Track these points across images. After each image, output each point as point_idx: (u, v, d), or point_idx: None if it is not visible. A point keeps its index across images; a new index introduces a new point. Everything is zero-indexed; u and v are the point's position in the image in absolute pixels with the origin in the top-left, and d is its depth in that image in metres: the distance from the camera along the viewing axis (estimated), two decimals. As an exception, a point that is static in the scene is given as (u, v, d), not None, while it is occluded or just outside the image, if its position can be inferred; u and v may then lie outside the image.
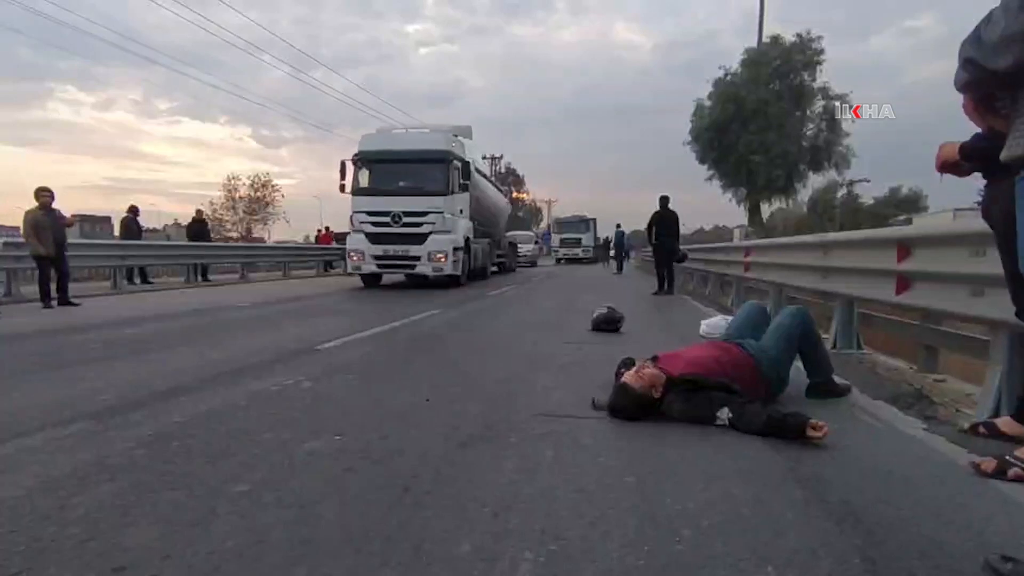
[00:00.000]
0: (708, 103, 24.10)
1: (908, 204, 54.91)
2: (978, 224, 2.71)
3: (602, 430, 2.55)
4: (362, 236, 11.67)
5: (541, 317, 6.93)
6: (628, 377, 2.77)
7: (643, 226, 12.15)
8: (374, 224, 11.59)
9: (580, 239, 34.43)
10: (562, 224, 37.21)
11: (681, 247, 11.51)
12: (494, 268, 18.27)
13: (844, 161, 23.53)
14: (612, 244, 27.16)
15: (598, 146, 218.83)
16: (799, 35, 23.07)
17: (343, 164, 11.92)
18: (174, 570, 1.41)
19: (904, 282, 3.67)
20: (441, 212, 11.52)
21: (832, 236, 5.60)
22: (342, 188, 11.87)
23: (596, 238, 36.37)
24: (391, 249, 11.56)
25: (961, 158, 1.82)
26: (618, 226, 24.85)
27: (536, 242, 33.26)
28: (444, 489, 1.90)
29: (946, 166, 1.85)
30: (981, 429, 2.52)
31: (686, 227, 11.56)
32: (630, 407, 2.68)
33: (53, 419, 2.63)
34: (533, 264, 29.42)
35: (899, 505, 1.81)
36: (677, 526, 1.65)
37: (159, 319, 6.68)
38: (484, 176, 16.73)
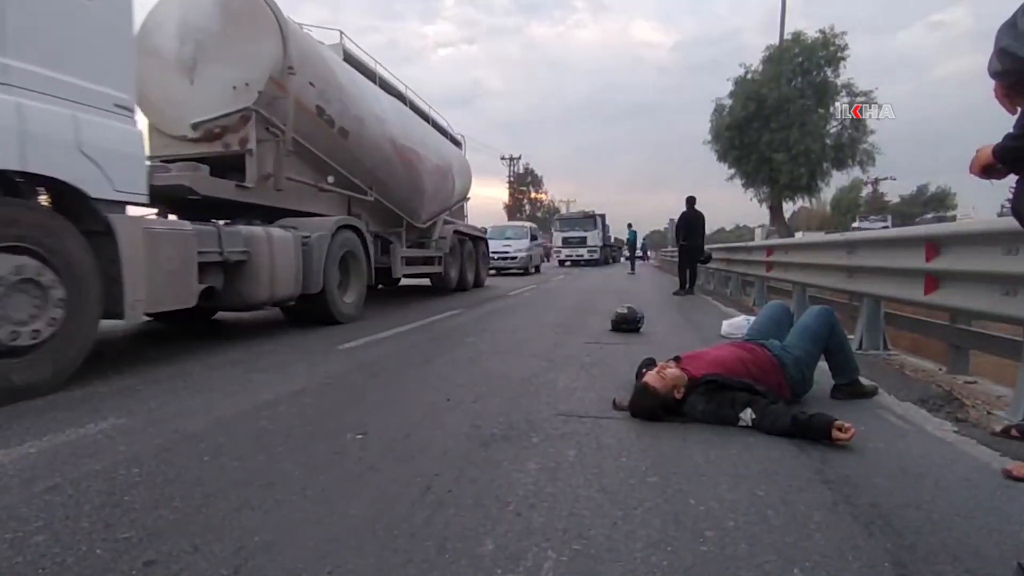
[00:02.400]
0: (728, 102, 23.85)
1: (936, 202, 53.84)
2: (1011, 222, 2.65)
3: (624, 430, 2.54)
4: None
5: (561, 318, 6.92)
6: (650, 377, 2.75)
7: (660, 226, 11.95)
8: None
9: (585, 237, 28.72)
10: (564, 222, 30.89)
11: (706, 247, 11.42)
12: (417, 280, 10.31)
13: (869, 158, 23.08)
14: (625, 244, 25.34)
15: (617, 146, 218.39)
16: (822, 31, 22.70)
17: None
18: (203, 563, 1.44)
19: (933, 281, 3.60)
20: None
21: (857, 235, 5.50)
22: None
23: (606, 236, 31.30)
24: None
25: (995, 160, 1.78)
26: (629, 226, 24.09)
27: (534, 238, 21.48)
28: (467, 488, 1.91)
29: (983, 170, 1.81)
30: (1014, 432, 2.46)
31: (707, 227, 11.19)
32: (652, 407, 2.67)
33: (79, 419, 2.70)
34: (526, 271, 19.49)
35: (930, 508, 1.78)
36: (701, 527, 1.64)
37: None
38: (371, 76, 8.02)
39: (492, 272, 16.70)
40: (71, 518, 1.68)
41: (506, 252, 18.85)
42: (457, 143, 12.10)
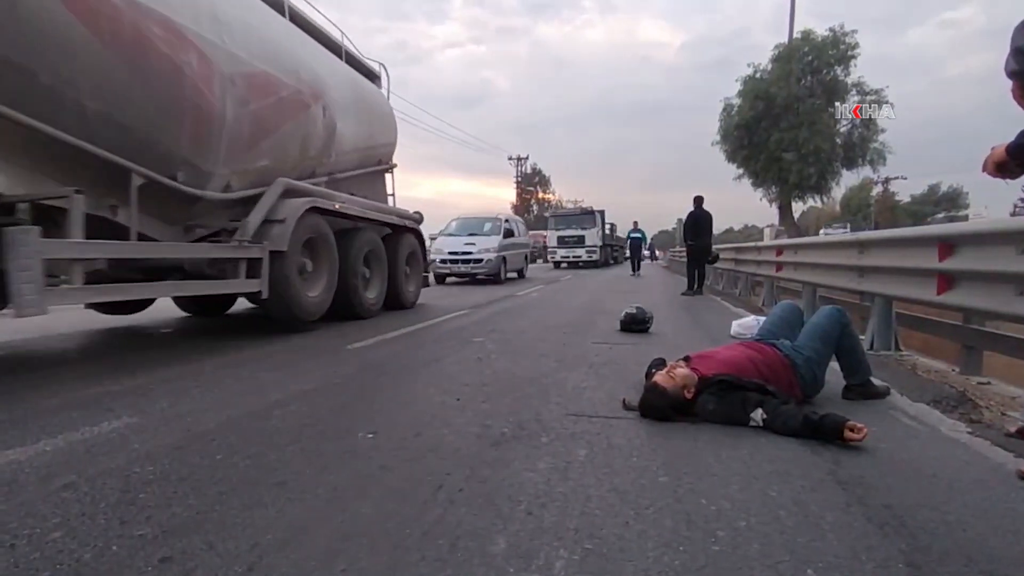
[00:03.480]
0: (737, 101, 23.77)
1: (948, 201, 53.47)
2: (1025, 221, 2.63)
3: (635, 430, 2.53)
4: None
5: (569, 318, 6.91)
6: (659, 377, 2.75)
7: (668, 226, 11.84)
8: None
9: (583, 236, 25.19)
10: (560, 219, 27.18)
11: (713, 247, 11.39)
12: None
13: (879, 158, 22.98)
14: (628, 244, 23.99)
15: (625, 146, 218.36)
16: (832, 29, 22.60)
17: None
18: (218, 560, 1.45)
19: (946, 281, 3.57)
20: None
21: (868, 235, 5.47)
22: None
23: (606, 235, 27.68)
24: None
25: (1010, 158, 1.77)
26: (635, 224, 23.65)
27: (510, 234, 15.74)
28: (478, 487, 1.92)
29: (997, 168, 1.80)
30: (1029, 433, 2.44)
31: (715, 227, 11.08)
32: (662, 407, 2.66)
33: (93, 418, 2.73)
34: (497, 278, 14.19)
35: (944, 509, 1.77)
36: (713, 527, 1.63)
37: (192, 319, 6.85)
38: None
39: (464, 280, 14.32)
40: (87, 515, 1.70)
41: (468, 253, 14.14)
42: (371, 75, 7.80)
